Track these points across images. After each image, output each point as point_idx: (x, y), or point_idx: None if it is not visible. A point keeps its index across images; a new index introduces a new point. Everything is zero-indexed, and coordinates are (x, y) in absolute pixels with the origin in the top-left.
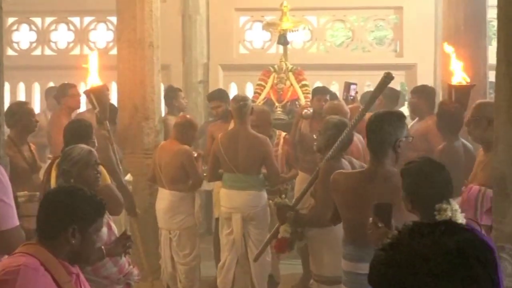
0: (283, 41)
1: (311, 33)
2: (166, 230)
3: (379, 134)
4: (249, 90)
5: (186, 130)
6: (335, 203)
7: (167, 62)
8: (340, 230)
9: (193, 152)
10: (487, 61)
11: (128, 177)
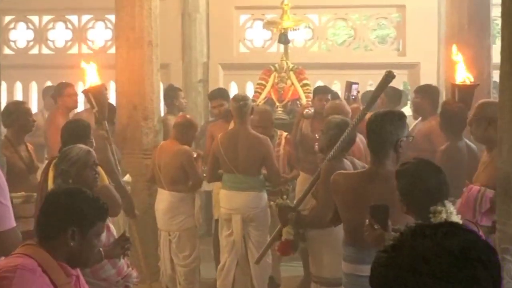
0: (284, 39)
1: (313, 31)
2: (166, 231)
3: (380, 134)
4: (249, 89)
5: (186, 130)
6: (336, 204)
7: (167, 61)
8: (340, 231)
9: (193, 152)
10: (491, 60)
11: (126, 177)
